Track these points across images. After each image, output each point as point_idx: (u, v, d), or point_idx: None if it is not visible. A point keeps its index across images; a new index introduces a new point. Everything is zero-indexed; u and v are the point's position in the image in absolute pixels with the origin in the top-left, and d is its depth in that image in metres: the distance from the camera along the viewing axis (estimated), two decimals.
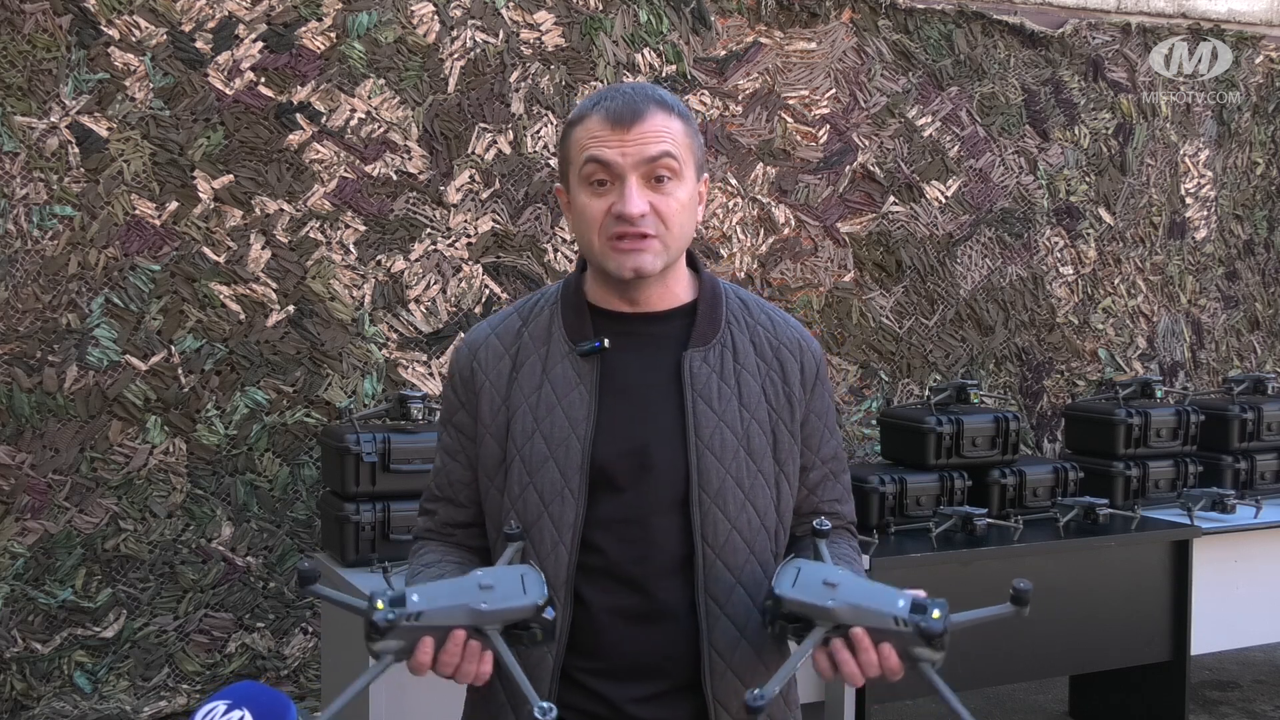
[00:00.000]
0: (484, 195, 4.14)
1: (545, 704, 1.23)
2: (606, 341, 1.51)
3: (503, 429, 1.53)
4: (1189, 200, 5.43)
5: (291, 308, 3.88)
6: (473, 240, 4.13)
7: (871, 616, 1.34)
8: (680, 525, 1.49)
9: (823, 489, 1.62)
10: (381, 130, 3.99)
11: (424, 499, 1.66)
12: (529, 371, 1.54)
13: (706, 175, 1.59)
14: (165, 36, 3.72)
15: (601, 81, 4.29)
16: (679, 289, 1.57)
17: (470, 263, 4.13)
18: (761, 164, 4.57)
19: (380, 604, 1.30)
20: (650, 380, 1.53)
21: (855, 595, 1.36)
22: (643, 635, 1.48)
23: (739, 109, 4.53)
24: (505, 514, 1.51)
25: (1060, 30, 5.10)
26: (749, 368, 1.55)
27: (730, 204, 4.53)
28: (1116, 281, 5.26)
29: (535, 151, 4.20)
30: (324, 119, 3.91)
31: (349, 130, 3.95)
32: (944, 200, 4.87)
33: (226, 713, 1.24)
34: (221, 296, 3.79)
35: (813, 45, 4.65)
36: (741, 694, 1.49)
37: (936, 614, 1.33)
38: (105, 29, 3.65)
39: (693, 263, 1.61)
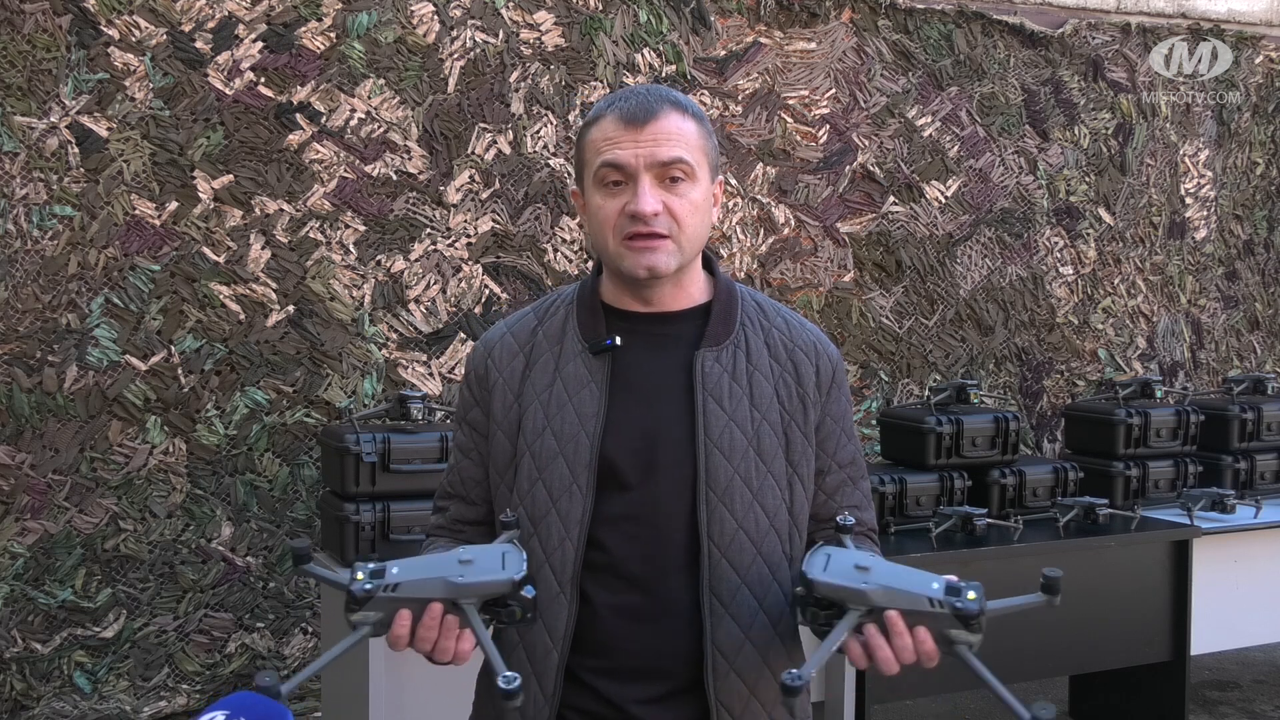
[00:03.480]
0: (484, 195, 4.14)
1: (510, 674, 1.24)
2: (619, 339, 1.52)
3: (514, 425, 1.55)
4: (1189, 200, 5.43)
5: (291, 308, 3.88)
6: (473, 240, 4.13)
7: (906, 598, 1.32)
8: (687, 523, 1.49)
9: (840, 494, 1.61)
10: (381, 130, 3.99)
11: (437, 495, 1.68)
12: (542, 369, 1.56)
13: (721, 178, 1.60)
14: (165, 36, 3.72)
15: (601, 81, 4.28)
16: (694, 289, 1.58)
17: (470, 263, 4.13)
18: (761, 164, 4.57)
19: (360, 575, 1.31)
20: (661, 379, 1.53)
21: (888, 578, 1.34)
22: (647, 634, 1.48)
23: (739, 109, 4.53)
24: (514, 509, 1.52)
25: (1060, 30, 5.10)
26: (762, 369, 1.55)
27: (730, 204, 4.53)
28: (1116, 281, 5.25)
29: (535, 151, 4.20)
30: (324, 119, 3.91)
31: (349, 130, 3.95)
32: (944, 200, 4.87)
33: None
34: (221, 296, 3.79)
35: (813, 45, 4.65)
36: (745, 697, 1.48)
37: (972, 595, 1.31)
38: (105, 29, 3.65)
39: (709, 265, 1.63)
